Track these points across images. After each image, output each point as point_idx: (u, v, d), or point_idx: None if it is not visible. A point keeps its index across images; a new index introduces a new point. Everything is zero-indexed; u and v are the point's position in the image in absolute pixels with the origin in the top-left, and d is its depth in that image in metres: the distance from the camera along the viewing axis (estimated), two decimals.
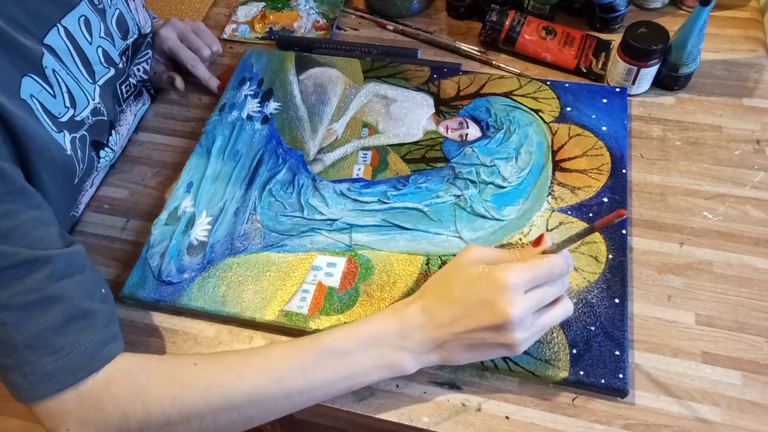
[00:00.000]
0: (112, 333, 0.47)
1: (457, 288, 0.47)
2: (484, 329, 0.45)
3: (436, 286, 0.49)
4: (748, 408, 0.49)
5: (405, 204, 0.62)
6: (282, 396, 0.46)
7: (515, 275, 0.44)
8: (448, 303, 0.47)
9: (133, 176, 0.70)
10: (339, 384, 0.47)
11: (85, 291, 0.47)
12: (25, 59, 0.51)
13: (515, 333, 0.44)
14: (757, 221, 0.59)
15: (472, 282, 0.46)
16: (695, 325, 0.53)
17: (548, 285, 0.46)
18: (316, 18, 0.85)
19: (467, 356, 0.48)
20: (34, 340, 0.43)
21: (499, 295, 0.44)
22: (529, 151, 0.64)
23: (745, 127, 0.66)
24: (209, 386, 0.45)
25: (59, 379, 0.43)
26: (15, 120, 0.48)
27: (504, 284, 0.44)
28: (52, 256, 0.45)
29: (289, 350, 0.48)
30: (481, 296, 0.45)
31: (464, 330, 0.46)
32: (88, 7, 0.59)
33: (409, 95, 0.71)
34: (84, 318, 0.45)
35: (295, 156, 0.67)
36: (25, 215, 0.45)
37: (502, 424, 0.50)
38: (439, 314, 0.47)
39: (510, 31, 0.75)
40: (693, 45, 0.65)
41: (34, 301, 0.44)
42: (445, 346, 0.47)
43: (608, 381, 0.49)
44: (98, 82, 0.61)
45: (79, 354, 0.44)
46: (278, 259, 0.59)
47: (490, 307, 0.44)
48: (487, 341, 0.46)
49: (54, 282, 0.45)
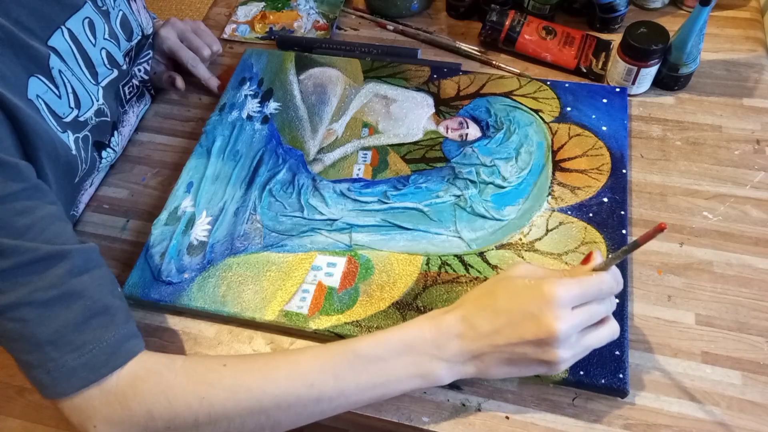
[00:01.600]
0: (132, 330, 0.47)
1: (502, 298, 0.45)
2: (527, 343, 0.43)
3: (477, 295, 0.47)
4: (748, 408, 0.49)
5: (405, 204, 0.62)
6: (312, 401, 0.45)
7: (564, 289, 0.43)
8: (491, 313, 0.45)
9: (133, 176, 0.70)
10: (371, 392, 0.46)
11: (105, 286, 0.47)
12: (32, 60, 0.51)
13: (559, 350, 0.43)
14: (757, 221, 0.59)
15: (519, 293, 0.44)
16: (695, 325, 0.53)
17: (596, 303, 0.44)
18: (316, 18, 0.85)
19: (505, 371, 0.46)
20: (57, 336, 0.43)
21: (546, 308, 0.42)
22: (529, 151, 0.64)
23: (745, 127, 0.66)
24: (237, 387, 0.45)
25: (82, 375, 0.43)
26: (25, 118, 0.48)
27: (552, 298, 0.42)
28: (70, 251, 0.45)
29: (319, 354, 0.46)
30: (527, 308, 0.43)
31: (506, 342, 0.44)
32: (92, 9, 0.59)
33: (409, 95, 0.71)
34: (105, 314, 0.45)
35: (295, 156, 0.67)
36: (42, 211, 0.45)
37: (502, 424, 0.50)
38: (480, 324, 0.45)
39: (510, 31, 0.75)
40: (693, 45, 0.65)
41: (55, 297, 0.43)
42: (483, 358, 0.45)
43: (608, 381, 0.49)
44: (101, 84, 0.61)
45: (101, 350, 0.44)
46: (278, 259, 0.59)
47: (536, 320, 0.43)
48: (528, 356, 0.44)
49: (74, 277, 0.45)
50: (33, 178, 0.47)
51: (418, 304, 0.55)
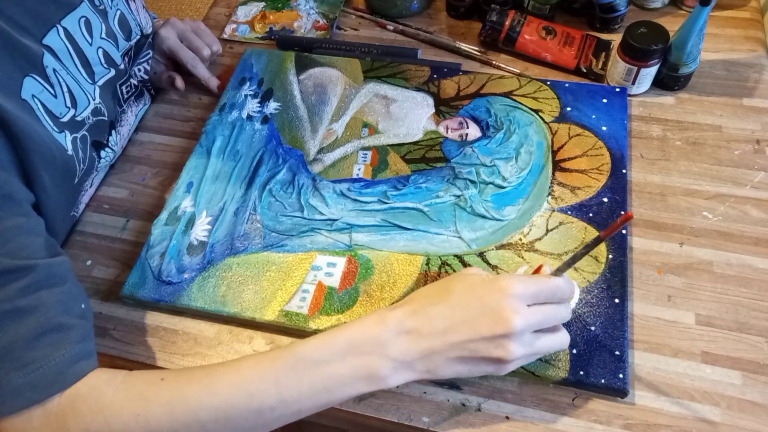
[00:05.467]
0: (86, 350, 0.45)
1: (457, 293, 0.44)
2: (482, 339, 0.42)
3: (429, 291, 0.46)
4: (748, 408, 0.49)
5: (405, 204, 0.62)
6: (252, 412, 0.43)
7: (521, 285, 0.43)
8: (445, 307, 0.44)
9: (133, 176, 0.70)
10: (314, 399, 0.44)
11: (63, 303, 0.45)
12: (27, 59, 0.51)
13: (512, 346, 0.42)
14: (757, 221, 0.59)
15: (475, 288, 0.44)
16: (695, 325, 0.53)
17: (552, 305, 0.44)
18: (316, 18, 0.85)
19: (454, 370, 0.44)
20: (4, 352, 0.41)
21: (503, 302, 0.42)
22: (529, 151, 0.64)
23: (745, 127, 0.66)
24: (174, 401, 0.42)
25: (26, 395, 0.41)
26: (14, 120, 0.47)
27: (510, 291, 0.42)
28: (32, 265, 0.43)
29: (261, 360, 0.44)
30: (484, 302, 0.43)
31: (460, 339, 0.43)
32: (89, 8, 0.59)
33: (409, 95, 0.71)
34: (58, 332, 0.43)
35: (295, 156, 0.67)
36: (8, 223, 0.44)
37: (502, 424, 0.50)
38: (433, 320, 0.43)
39: (510, 31, 0.75)
40: (693, 45, 0.65)
41: (7, 312, 0.42)
42: (433, 357, 0.43)
43: (608, 381, 0.49)
44: (98, 83, 0.61)
45: (48, 369, 0.42)
46: (278, 259, 0.59)
47: (493, 314, 0.42)
48: (480, 353, 0.43)
49: (31, 293, 0.43)
50: (5, 188, 0.45)
51: None
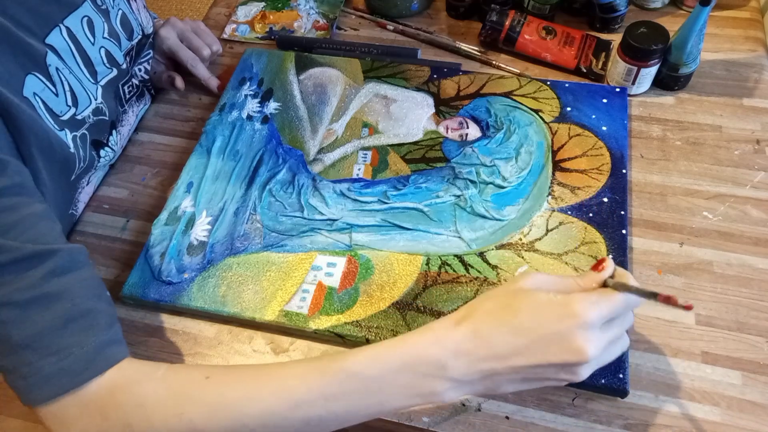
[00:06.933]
0: (116, 336, 0.45)
1: (524, 315, 0.40)
2: (550, 366, 0.40)
3: (492, 308, 0.42)
4: (748, 408, 0.49)
5: (405, 204, 0.62)
6: (299, 421, 0.41)
7: (596, 312, 0.39)
8: (510, 331, 0.40)
9: (133, 176, 0.70)
10: (364, 411, 0.42)
11: (89, 288, 0.45)
12: (30, 58, 0.51)
13: (584, 370, 0.40)
14: (757, 221, 0.59)
15: (543, 310, 0.40)
16: (695, 325, 0.53)
17: (619, 320, 0.42)
18: (316, 18, 0.85)
19: (515, 387, 0.43)
20: (33, 339, 0.41)
21: (577, 330, 0.39)
22: (529, 151, 0.64)
23: (745, 127, 0.66)
24: (218, 404, 0.42)
25: (60, 382, 0.41)
26: (18, 113, 0.47)
27: (584, 319, 0.39)
28: (54, 251, 0.43)
29: (308, 371, 0.42)
30: (555, 329, 0.39)
31: (526, 365, 0.40)
32: (91, 8, 0.59)
33: (409, 95, 0.71)
34: (86, 317, 0.43)
35: (295, 156, 0.67)
36: (27, 209, 0.44)
37: (502, 424, 0.50)
38: (497, 343, 0.40)
39: (510, 31, 0.75)
40: (693, 45, 0.65)
41: (34, 298, 0.41)
42: (494, 378, 0.41)
43: (608, 381, 0.49)
44: (100, 83, 0.61)
45: (80, 356, 0.42)
46: (278, 259, 0.59)
47: (566, 343, 0.39)
48: (546, 376, 0.41)
49: (55, 278, 0.43)
50: (21, 175, 0.45)
51: (418, 304, 0.55)
